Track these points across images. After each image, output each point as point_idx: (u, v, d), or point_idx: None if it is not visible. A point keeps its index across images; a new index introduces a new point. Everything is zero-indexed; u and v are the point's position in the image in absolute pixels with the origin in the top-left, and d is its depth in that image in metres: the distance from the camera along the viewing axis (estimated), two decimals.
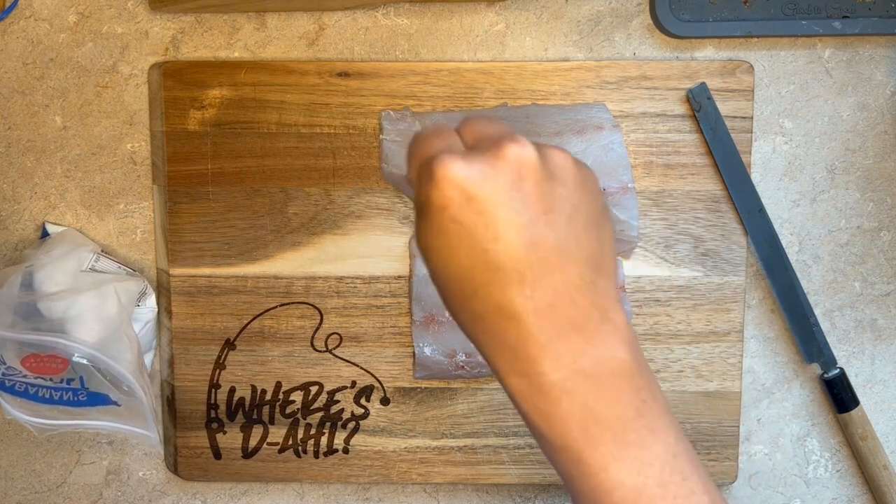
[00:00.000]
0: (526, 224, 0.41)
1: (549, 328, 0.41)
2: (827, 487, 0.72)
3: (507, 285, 0.41)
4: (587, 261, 0.42)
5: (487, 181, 0.40)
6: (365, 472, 0.70)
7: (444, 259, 0.42)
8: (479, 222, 0.40)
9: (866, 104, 0.68)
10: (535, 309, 0.41)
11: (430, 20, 0.68)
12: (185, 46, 0.68)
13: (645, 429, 0.42)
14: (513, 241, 0.40)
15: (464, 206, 0.40)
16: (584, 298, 0.42)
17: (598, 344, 0.42)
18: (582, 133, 0.65)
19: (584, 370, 0.42)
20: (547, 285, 0.41)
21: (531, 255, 0.41)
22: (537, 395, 0.42)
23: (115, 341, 0.62)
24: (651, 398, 0.43)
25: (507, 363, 0.42)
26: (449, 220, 0.41)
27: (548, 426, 0.42)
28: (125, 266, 0.68)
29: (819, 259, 0.69)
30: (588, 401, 0.42)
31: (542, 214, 0.41)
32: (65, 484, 0.73)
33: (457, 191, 0.40)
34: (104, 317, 0.63)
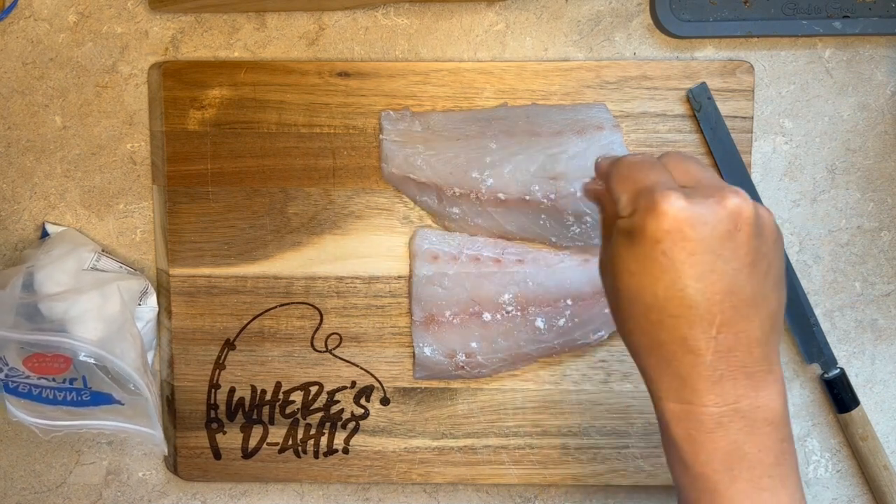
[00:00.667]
0: (731, 273, 0.44)
1: (723, 368, 0.44)
2: (827, 487, 0.71)
3: (695, 324, 0.44)
4: (769, 316, 0.46)
5: (706, 226, 0.43)
6: (365, 472, 0.70)
7: (641, 285, 0.44)
8: (688, 262, 0.43)
9: (866, 104, 0.68)
10: (715, 349, 0.44)
11: (430, 20, 0.68)
12: (185, 46, 0.68)
13: (779, 477, 0.45)
14: (715, 286, 0.44)
15: (677, 242, 0.43)
16: (759, 350, 0.45)
17: (760, 391, 0.45)
18: (582, 133, 0.65)
19: (742, 411, 0.45)
20: (732, 331, 0.44)
21: (726, 301, 0.44)
22: (693, 422, 0.45)
23: (118, 340, 0.62)
24: (789, 451, 0.46)
25: (672, 390, 0.45)
26: (660, 252, 0.43)
27: (694, 453, 0.45)
28: (126, 265, 0.68)
29: (819, 259, 0.69)
30: (738, 439, 0.45)
31: (747, 266, 0.44)
32: (65, 484, 0.73)
33: (675, 227, 0.43)
34: (106, 316, 0.63)
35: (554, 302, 0.67)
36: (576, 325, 0.67)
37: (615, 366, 0.68)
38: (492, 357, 0.67)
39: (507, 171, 0.65)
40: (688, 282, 0.43)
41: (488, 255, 0.67)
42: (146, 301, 0.67)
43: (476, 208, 0.66)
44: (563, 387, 0.69)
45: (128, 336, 0.63)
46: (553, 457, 0.69)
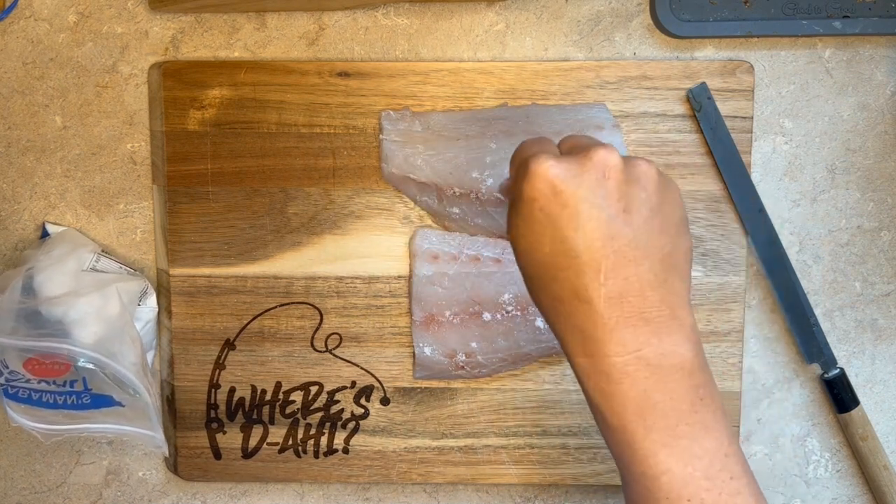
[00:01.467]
0: (605, 218, 0.45)
1: (618, 315, 0.45)
2: (827, 487, 0.71)
3: (583, 272, 0.45)
4: (660, 260, 0.46)
5: (574, 178, 0.45)
6: (365, 472, 0.70)
7: (531, 245, 0.47)
8: (564, 214, 0.45)
9: (866, 104, 0.68)
10: (606, 296, 0.45)
11: (430, 20, 0.68)
12: (185, 46, 0.68)
13: (698, 424, 0.45)
14: (592, 232, 0.45)
15: (551, 198, 0.45)
16: (653, 293, 0.46)
17: (664, 337, 0.45)
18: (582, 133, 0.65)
19: (647, 358, 0.45)
20: (619, 276, 0.45)
21: (607, 246, 0.45)
22: (601, 374, 0.46)
23: (117, 342, 0.62)
24: (709, 397, 0.46)
25: (577, 344, 0.46)
26: (538, 210, 0.46)
27: (607, 406, 0.46)
28: (126, 266, 0.68)
29: (819, 259, 0.69)
30: (647, 387, 0.45)
31: (622, 212, 0.45)
32: (65, 484, 0.73)
33: (546, 185, 0.45)
34: (106, 317, 0.63)
35: None
36: None
37: None
38: (492, 357, 0.67)
39: (507, 171, 0.65)
40: (567, 233, 0.45)
41: (488, 255, 0.67)
42: (146, 301, 0.67)
43: (476, 208, 0.66)
44: (563, 387, 0.69)
45: (127, 338, 0.63)
46: (553, 457, 0.69)
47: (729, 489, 0.45)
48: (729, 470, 0.45)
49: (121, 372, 0.61)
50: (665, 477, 0.45)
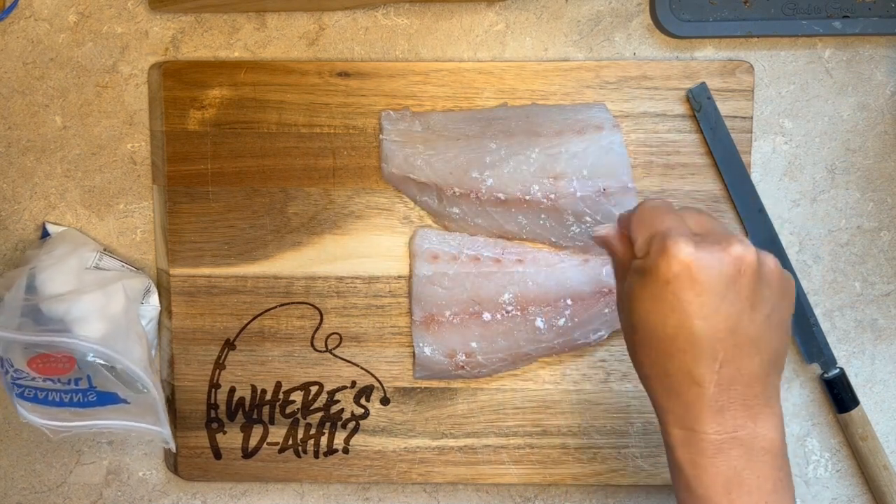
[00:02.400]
0: (734, 313, 0.48)
1: (724, 400, 0.48)
2: (827, 487, 0.72)
3: (701, 358, 0.48)
4: (770, 356, 0.49)
5: (712, 270, 0.47)
6: (365, 472, 0.70)
7: (653, 321, 0.48)
8: (696, 302, 0.47)
9: (866, 104, 0.68)
10: (717, 382, 0.48)
11: (430, 20, 0.68)
12: (185, 46, 0.68)
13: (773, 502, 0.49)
14: (719, 324, 0.48)
15: (686, 283, 0.47)
16: (758, 385, 0.49)
17: (759, 422, 0.49)
18: (582, 133, 0.65)
19: (741, 439, 0.48)
20: (734, 366, 0.48)
21: (728, 339, 0.48)
22: (695, 448, 0.49)
23: (123, 339, 0.62)
24: (787, 480, 0.50)
25: (678, 417, 0.49)
26: (670, 292, 0.48)
27: (697, 477, 0.49)
28: (128, 264, 0.68)
29: (819, 259, 0.69)
30: (737, 465, 0.48)
31: (749, 308, 0.48)
32: (65, 484, 0.73)
33: (685, 270, 0.47)
34: (110, 315, 0.63)
35: (554, 302, 0.67)
36: (575, 324, 0.67)
37: (615, 365, 0.68)
38: (492, 357, 0.67)
39: (507, 171, 0.65)
40: (694, 320, 0.47)
41: (488, 255, 0.67)
42: (149, 300, 0.67)
43: (476, 208, 0.66)
44: (563, 387, 0.69)
45: (133, 335, 0.63)
46: (553, 457, 0.69)
47: None
48: None
49: (128, 366, 0.61)
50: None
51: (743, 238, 0.49)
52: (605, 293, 0.67)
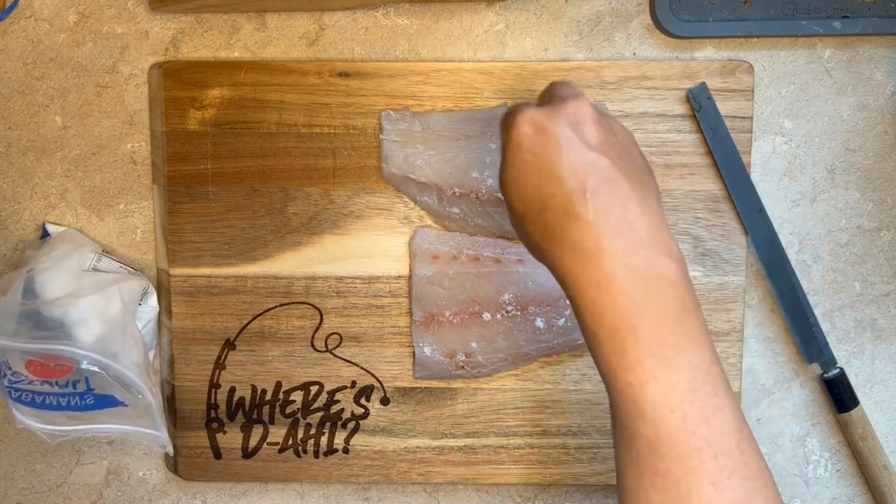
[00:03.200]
0: (584, 150, 0.50)
1: (606, 224, 0.48)
2: (827, 487, 0.72)
3: (570, 193, 0.49)
4: (637, 182, 0.51)
5: (554, 122, 0.51)
6: (365, 472, 0.70)
7: (521, 185, 0.51)
8: (548, 150, 0.50)
9: (866, 104, 0.68)
10: (594, 209, 0.49)
11: (430, 20, 0.68)
12: (185, 46, 0.68)
13: (683, 335, 0.47)
14: (574, 159, 0.50)
15: (535, 139, 0.51)
16: (636, 206, 0.49)
17: (649, 248, 0.48)
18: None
19: (635, 266, 0.48)
20: (603, 191, 0.49)
21: (588, 169, 0.49)
22: (592, 285, 0.48)
23: (119, 342, 0.62)
24: (693, 310, 0.49)
25: (569, 260, 0.49)
26: (525, 152, 0.51)
27: (598, 318, 0.48)
28: (126, 265, 0.68)
29: (819, 259, 0.69)
30: (635, 294, 0.47)
31: (598, 146, 0.50)
32: (65, 484, 0.73)
33: (530, 127, 0.51)
34: (108, 317, 0.63)
35: (554, 302, 0.67)
36: (576, 324, 0.67)
37: None
38: (492, 357, 0.67)
39: None
40: (552, 164, 0.50)
41: (488, 255, 0.67)
42: (147, 301, 0.67)
43: (476, 208, 0.66)
44: (563, 387, 0.69)
45: (129, 339, 0.63)
46: (553, 457, 0.69)
47: (711, 405, 0.46)
48: (712, 385, 0.47)
49: (123, 373, 0.61)
50: (651, 385, 0.46)
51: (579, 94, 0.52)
52: None
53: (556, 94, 0.54)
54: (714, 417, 0.46)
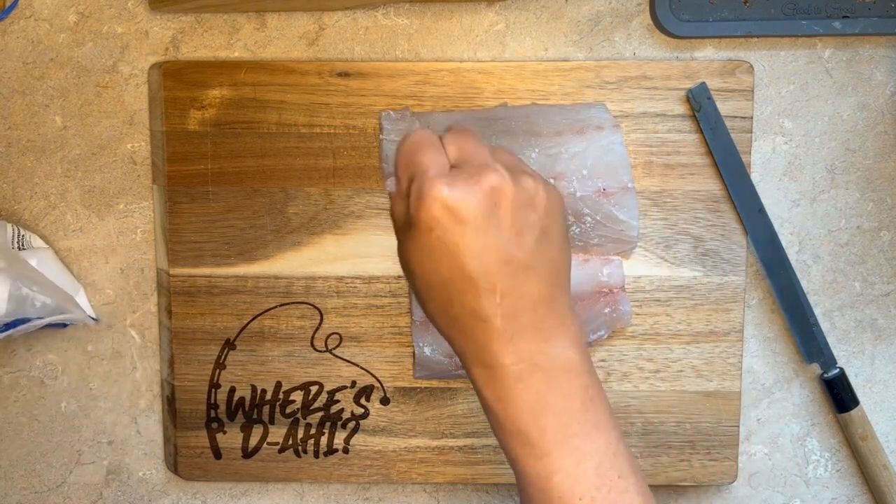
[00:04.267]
0: (500, 245, 0.47)
1: (513, 329, 0.48)
2: (827, 487, 0.72)
3: (480, 295, 0.47)
4: (549, 276, 0.49)
5: (469, 207, 0.47)
6: (365, 472, 0.70)
7: (428, 271, 0.48)
8: (462, 242, 0.47)
9: (866, 104, 0.68)
10: (502, 314, 0.48)
11: (430, 20, 0.68)
12: (185, 46, 0.68)
13: (589, 423, 0.48)
14: (488, 259, 0.47)
15: (447, 227, 0.47)
16: (544, 307, 0.49)
17: (553, 344, 0.49)
18: (582, 133, 0.65)
19: (539, 364, 0.48)
20: (514, 295, 0.48)
21: (502, 270, 0.47)
22: (497, 383, 0.48)
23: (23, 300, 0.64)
24: (598, 398, 0.49)
25: (475, 356, 0.49)
26: (435, 239, 0.47)
27: (504, 412, 0.48)
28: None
29: (819, 259, 0.69)
30: (540, 390, 0.48)
31: (515, 236, 0.48)
32: (65, 484, 0.73)
33: (443, 214, 0.47)
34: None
35: None
36: None
37: (615, 366, 0.68)
38: None
39: None
40: (465, 260, 0.47)
41: None
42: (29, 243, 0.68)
43: None
44: None
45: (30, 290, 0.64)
46: None
47: (617, 487, 0.48)
48: (617, 468, 0.48)
49: (45, 322, 0.64)
50: (558, 476, 0.47)
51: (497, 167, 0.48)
52: (605, 293, 0.67)
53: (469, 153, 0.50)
54: (621, 500, 0.47)
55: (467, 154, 0.50)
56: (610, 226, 0.66)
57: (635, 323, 0.68)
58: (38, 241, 0.69)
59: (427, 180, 0.47)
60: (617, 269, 0.67)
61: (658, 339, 0.68)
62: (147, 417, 0.72)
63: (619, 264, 0.67)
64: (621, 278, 0.67)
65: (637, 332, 0.68)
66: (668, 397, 0.68)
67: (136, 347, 0.71)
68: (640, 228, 0.67)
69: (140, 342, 0.71)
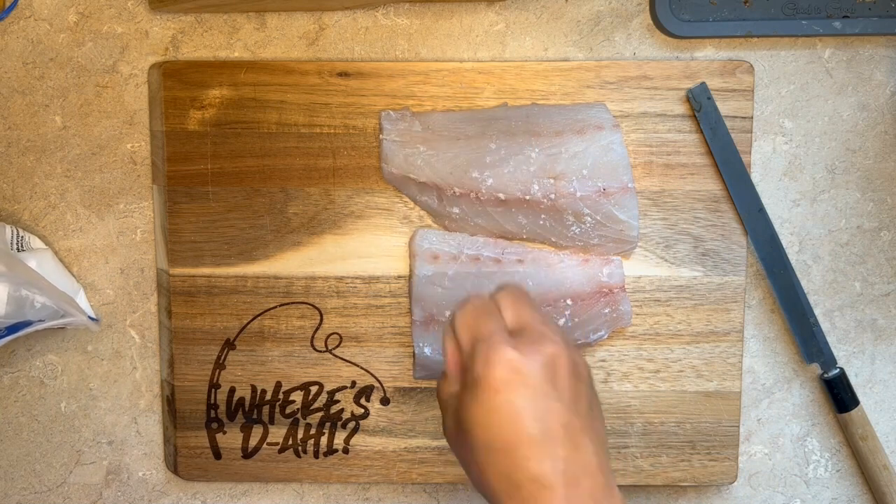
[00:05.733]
0: (561, 409, 0.49)
1: (574, 497, 0.48)
2: (827, 487, 0.72)
3: (545, 459, 0.48)
4: (601, 445, 0.51)
5: (535, 371, 0.49)
6: (365, 472, 0.70)
7: (493, 434, 0.49)
8: (528, 405, 0.48)
9: (866, 104, 0.68)
10: (565, 481, 0.48)
11: (430, 20, 0.68)
12: (185, 46, 0.68)
13: None
14: (553, 423, 0.48)
15: (516, 389, 0.48)
16: (601, 475, 0.49)
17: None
18: (582, 133, 0.65)
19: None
20: (574, 462, 0.48)
21: (564, 436, 0.49)
22: None
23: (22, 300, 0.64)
24: None
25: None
26: (503, 400, 0.48)
27: None
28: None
29: (819, 259, 0.69)
30: None
31: (572, 402, 0.50)
32: (65, 484, 0.73)
33: (512, 376, 0.48)
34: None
35: (554, 302, 0.67)
36: (576, 325, 0.67)
37: (615, 366, 0.68)
38: None
39: (507, 171, 0.65)
40: (530, 423, 0.48)
41: (488, 255, 0.67)
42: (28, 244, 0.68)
43: (476, 208, 0.66)
44: None
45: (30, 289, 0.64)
46: None
47: None
48: None
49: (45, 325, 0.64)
50: None
51: (554, 337, 0.51)
52: (605, 293, 0.67)
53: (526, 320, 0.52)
54: None
55: (525, 321, 0.52)
56: (610, 226, 0.66)
57: (635, 323, 0.68)
58: (37, 242, 0.69)
59: (494, 343, 0.49)
60: (617, 269, 0.67)
61: (658, 339, 0.68)
62: (147, 417, 0.72)
63: (619, 264, 0.67)
64: (621, 278, 0.67)
65: (637, 332, 0.68)
66: (668, 397, 0.68)
67: (136, 347, 0.71)
68: (640, 228, 0.67)
69: (140, 342, 0.71)
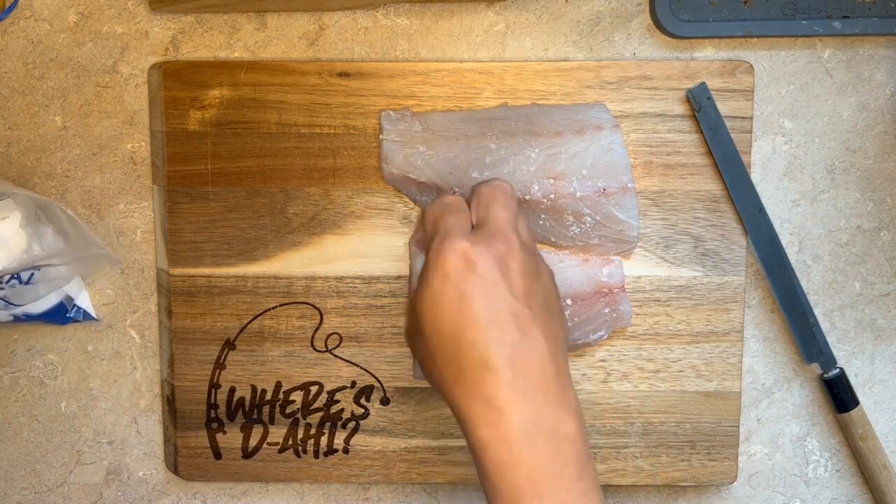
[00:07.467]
0: (510, 299, 0.50)
1: (522, 384, 0.49)
2: (827, 487, 0.72)
3: (490, 343, 0.49)
4: (553, 341, 0.51)
5: (486, 260, 0.51)
6: (365, 472, 0.70)
7: (441, 318, 0.51)
8: (476, 290, 0.50)
9: (866, 104, 0.68)
10: (511, 366, 0.49)
11: (430, 20, 0.68)
12: (185, 46, 0.68)
13: (579, 490, 0.49)
14: (499, 309, 0.50)
15: (463, 276, 0.50)
16: (550, 367, 0.50)
17: (556, 409, 0.50)
18: (582, 133, 0.65)
19: (543, 428, 0.49)
20: (522, 348, 0.50)
21: (512, 322, 0.50)
22: (502, 444, 0.49)
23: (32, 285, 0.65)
24: (590, 467, 0.51)
25: (481, 415, 0.50)
26: (450, 286, 0.50)
27: (503, 477, 0.49)
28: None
29: (819, 259, 0.69)
30: (543, 455, 0.49)
31: (523, 295, 0.51)
32: (65, 484, 0.73)
33: (461, 263, 0.50)
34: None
35: None
36: (576, 325, 0.67)
37: (615, 366, 0.68)
38: None
39: (506, 171, 0.65)
40: (477, 308, 0.50)
41: None
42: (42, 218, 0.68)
43: None
44: None
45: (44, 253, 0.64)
46: None
47: None
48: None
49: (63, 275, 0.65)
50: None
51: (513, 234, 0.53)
52: (605, 293, 0.67)
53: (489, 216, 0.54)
54: None
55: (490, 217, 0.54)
56: (610, 226, 0.66)
57: (635, 323, 0.68)
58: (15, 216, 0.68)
59: (450, 235, 0.52)
60: (617, 269, 0.67)
61: (658, 339, 0.68)
62: (147, 417, 0.72)
63: (619, 264, 0.67)
64: (621, 278, 0.67)
65: (637, 332, 0.68)
66: (668, 397, 0.68)
67: (136, 347, 0.71)
68: (640, 228, 0.67)
69: (140, 342, 0.71)
